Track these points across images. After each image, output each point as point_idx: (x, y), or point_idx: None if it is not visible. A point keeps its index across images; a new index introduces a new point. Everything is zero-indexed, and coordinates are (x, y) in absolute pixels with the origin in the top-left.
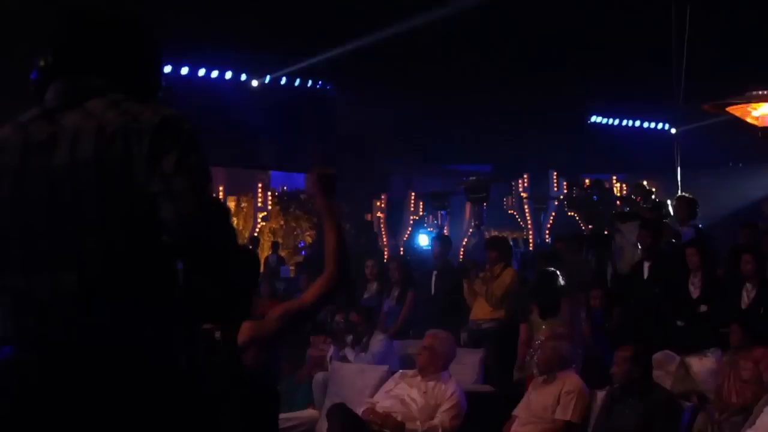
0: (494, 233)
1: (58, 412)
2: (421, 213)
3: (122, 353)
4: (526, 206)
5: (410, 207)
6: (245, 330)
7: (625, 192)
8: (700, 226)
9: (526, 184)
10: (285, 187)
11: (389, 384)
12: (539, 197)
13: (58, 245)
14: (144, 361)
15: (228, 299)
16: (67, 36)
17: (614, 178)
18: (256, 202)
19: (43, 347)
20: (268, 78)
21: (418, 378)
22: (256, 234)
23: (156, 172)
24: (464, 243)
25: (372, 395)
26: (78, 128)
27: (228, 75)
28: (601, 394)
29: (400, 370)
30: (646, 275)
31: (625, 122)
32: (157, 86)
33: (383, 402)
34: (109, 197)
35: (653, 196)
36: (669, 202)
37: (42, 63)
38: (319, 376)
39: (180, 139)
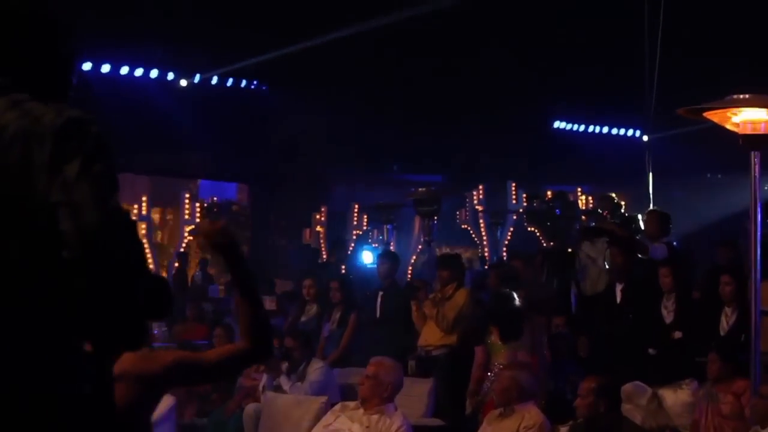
0: (446, 250)
1: None
2: (365, 227)
3: (19, 382)
4: (481, 220)
5: (353, 221)
6: (126, 359)
7: (591, 205)
8: (674, 243)
9: (481, 197)
10: (215, 198)
11: (328, 417)
12: (495, 210)
13: None
14: (44, 389)
15: (131, 322)
16: None
17: (579, 189)
18: (183, 213)
19: None
20: (197, 77)
21: (361, 411)
22: (182, 249)
23: (57, 180)
24: (413, 261)
25: (309, 429)
26: None
27: (153, 74)
28: (564, 429)
29: (341, 402)
30: (618, 299)
31: (591, 128)
32: (67, 85)
33: None
34: (5, 208)
35: (622, 210)
36: (639, 216)
37: None
38: (250, 407)
39: (85, 144)
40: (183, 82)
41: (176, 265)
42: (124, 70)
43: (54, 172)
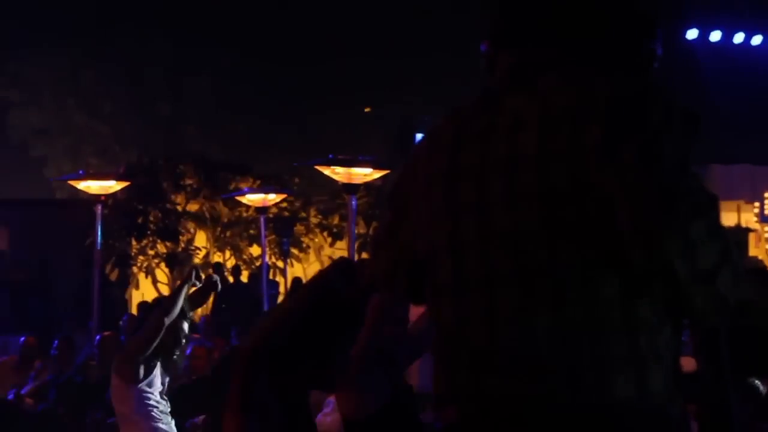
0: None
1: None
2: None
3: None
4: None
5: None
6: None
7: None
8: None
9: None
10: None
11: None
12: None
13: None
14: (631, 410)
15: None
16: None
17: None
18: None
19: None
20: None
21: None
22: None
23: (610, 167)
24: None
25: None
26: (520, 113)
27: None
28: None
29: None
30: None
31: None
32: (647, 54)
33: None
34: (553, 201)
35: None
36: None
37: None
38: None
39: (650, 121)
40: None
41: None
42: (738, 37)
43: (607, 157)
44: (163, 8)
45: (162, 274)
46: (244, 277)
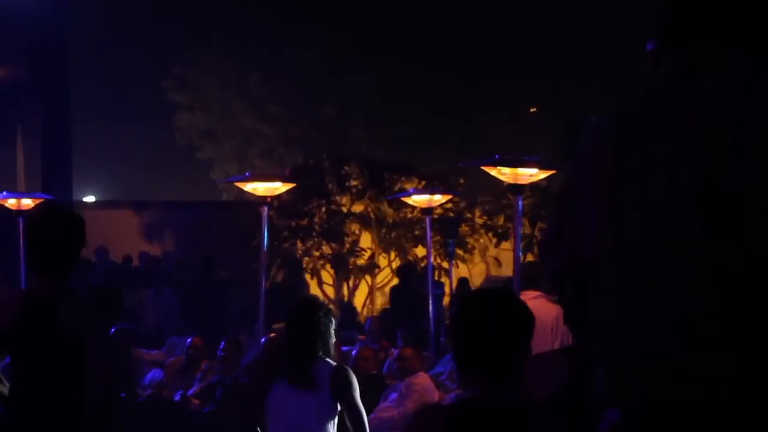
0: None
1: None
2: None
3: None
4: None
5: None
6: None
7: None
8: None
9: None
10: None
11: None
12: None
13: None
14: None
15: None
16: None
17: None
18: None
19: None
20: None
21: None
22: None
23: None
24: None
25: None
26: (683, 113)
27: None
28: None
29: None
30: None
31: None
32: None
33: None
34: (709, 203)
35: None
36: None
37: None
38: None
39: None
40: None
41: None
42: None
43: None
44: (325, 11)
45: (327, 275)
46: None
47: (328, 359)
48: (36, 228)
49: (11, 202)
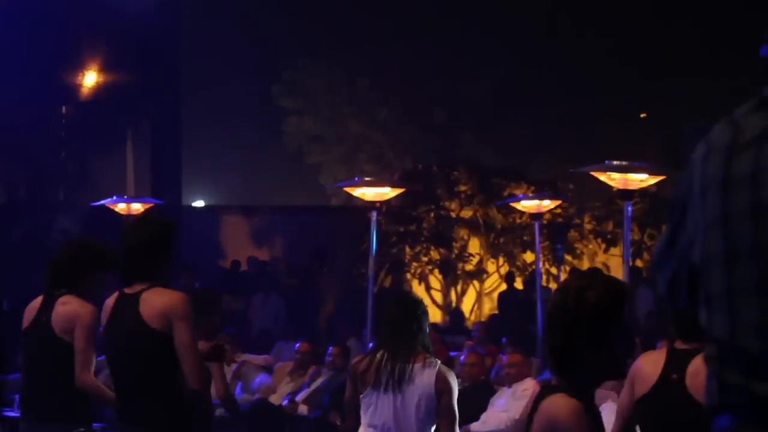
0: None
1: None
2: None
3: None
4: None
5: None
6: None
7: None
8: None
9: None
10: None
11: None
12: None
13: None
14: None
15: None
16: None
17: None
18: None
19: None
20: None
21: None
22: None
23: None
24: None
25: None
26: None
27: None
28: None
29: None
30: None
31: None
32: None
33: None
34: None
35: None
36: None
37: None
38: None
39: None
40: None
41: None
42: None
43: None
44: (432, 16)
45: (435, 280)
46: (518, 284)
47: (428, 357)
48: (121, 236)
49: (121, 207)
